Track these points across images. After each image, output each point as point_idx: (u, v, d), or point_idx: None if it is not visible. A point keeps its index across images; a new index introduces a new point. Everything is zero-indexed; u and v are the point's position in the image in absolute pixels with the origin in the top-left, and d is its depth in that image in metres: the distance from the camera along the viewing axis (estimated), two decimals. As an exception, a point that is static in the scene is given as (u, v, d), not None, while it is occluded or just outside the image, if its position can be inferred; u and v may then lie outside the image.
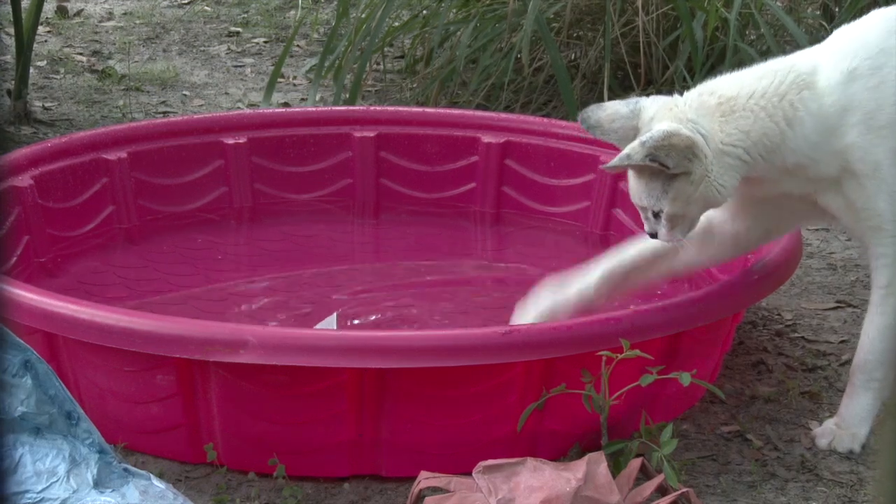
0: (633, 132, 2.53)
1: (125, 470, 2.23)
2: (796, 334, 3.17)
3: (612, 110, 2.56)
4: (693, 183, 2.47)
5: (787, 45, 4.47)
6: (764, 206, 2.67)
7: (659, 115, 2.51)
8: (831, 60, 2.55)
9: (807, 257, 3.55)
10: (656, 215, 2.54)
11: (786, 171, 2.56)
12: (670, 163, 2.44)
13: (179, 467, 2.56)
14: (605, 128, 2.57)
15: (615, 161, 2.50)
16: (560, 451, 2.54)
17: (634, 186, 2.54)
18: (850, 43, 2.57)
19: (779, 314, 3.26)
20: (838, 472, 2.61)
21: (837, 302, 3.34)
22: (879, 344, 2.62)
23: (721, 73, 2.64)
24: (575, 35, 4.60)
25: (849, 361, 3.03)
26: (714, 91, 2.54)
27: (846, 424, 2.67)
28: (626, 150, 2.47)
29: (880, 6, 4.55)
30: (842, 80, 2.52)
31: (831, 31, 2.76)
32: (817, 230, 3.76)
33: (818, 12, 4.92)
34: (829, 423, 2.70)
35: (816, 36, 4.45)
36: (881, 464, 0.73)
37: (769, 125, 2.51)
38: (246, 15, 5.89)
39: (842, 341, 3.14)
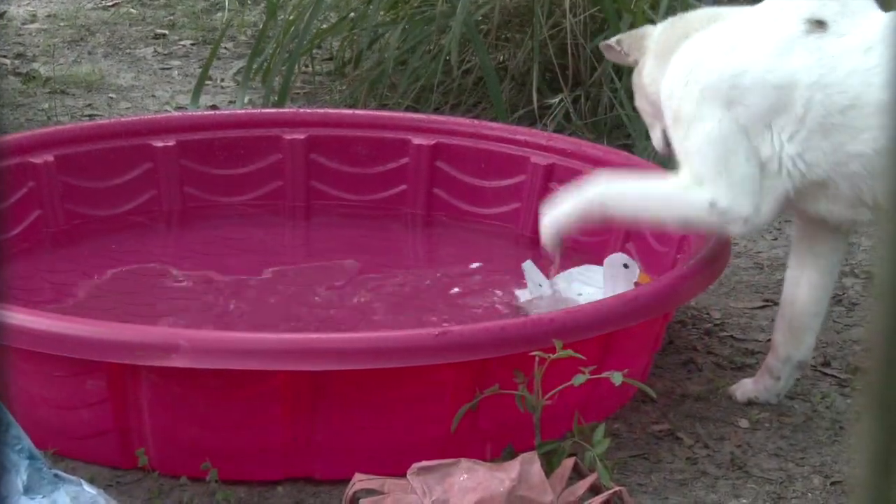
0: None
1: (55, 476, 2.21)
2: (725, 333, 3.20)
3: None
4: (637, 74, 2.90)
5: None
6: None
7: None
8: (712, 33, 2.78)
9: (734, 257, 3.59)
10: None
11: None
12: (625, 47, 2.93)
13: (110, 472, 2.54)
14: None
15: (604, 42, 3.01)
16: (493, 452, 2.55)
17: None
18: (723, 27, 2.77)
19: (708, 313, 3.29)
20: (767, 470, 2.64)
21: (765, 300, 3.38)
22: (635, 201, 2.80)
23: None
24: (503, 37, 4.61)
25: (777, 359, 3.07)
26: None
27: None
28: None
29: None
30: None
31: None
32: (744, 230, 3.80)
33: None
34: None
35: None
36: (861, 455, 0.74)
37: (673, 40, 2.81)
38: (172, 17, 5.85)
39: (769, 339, 3.17)
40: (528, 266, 3.18)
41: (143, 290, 3.20)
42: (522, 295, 3.18)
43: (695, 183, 2.69)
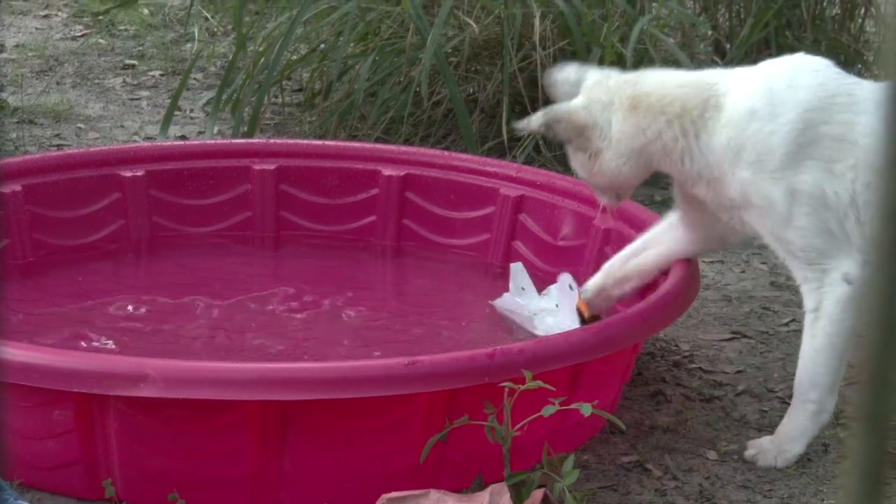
0: (576, 95, 2.81)
1: (22, 507, 2.20)
2: (693, 365, 3.21)
3: (565, 74, 2.86)
4: (589, 159, 2.75)
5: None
6: (709, 213, 2.81)
7: (585, 89, 2.78)
8: (743, 92, 2.67)
9: (703, 289, 3.60)
10: None
11: (695, 176, 2.72)
12: (563, 135, 2.77)
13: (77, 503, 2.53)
14: (557, 88, 2.87)
15: (522, 122, 2.84)
16: (463, 483, 2.54)
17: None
18: (761, 82, 2.68)
19: (676, 345, 3.30)
20: (735, 501, 2.64)
21: (733, 333, 3.39)
22: (811, 366, 2.70)
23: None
24: (473, 69, 4.63)
25: (745, 391, 3.08)
26: (636, 83, 2.76)
27: (777, 441, 2.75)
28: (533, 116, 2.81)
29: (770, 45, 4.66)
30: (744, 117, 2.65)
31: (723, 67, 2.89)
32: (712, 262, 3.81)
33: (710, 48, 5.01)
34: (764, 439, 2.78)
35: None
36: (850, 471, 0.74)
37: (666, 129, 2.70)
38: (141, 48, 5.84)
39: (738, 372, 3.19)
40: (517, 268, 3.20)
41: (110, 320, 3.18)
42: (503, 297, 3.20)
43: (818, 273, 2.64)
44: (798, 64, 2.75)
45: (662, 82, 2.75)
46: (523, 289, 3.18)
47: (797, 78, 2.67)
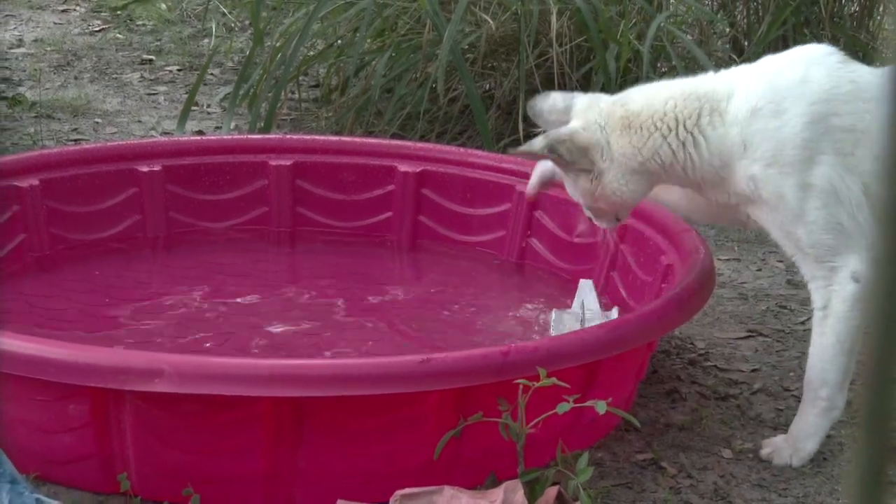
0: (566, 123, 2.76)
1: (37, 500, 2.21)
2: (709, 363, 3.20)
3: (551, 102, 2.80)
4: (592, 181, 2.71)
5: (698, 77, 4.53)
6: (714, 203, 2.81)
7: (579, 113, 2.74)
8: (744, 92, 2.64)
9: (718, 287, 3.59)
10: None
11: (699, 182, 2.72)
12: (567, 156, 2.70)
13: (92, 497, 2.53)
14: (545, 117, 2.81)
15: (523, 147, 2.81)
16: (477, 480, 2.54)
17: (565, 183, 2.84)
18: (762, 79, 2.65)
19: (692, 343, 3.29)
20: (750, 500, 2.64)
21: (749, 331, 3.39)
22: (819, 363, 2.70)
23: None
24: (490, 65, 4.63)
25: (761, 390, 3.08)
26: (625, 103, 2.73)
27: (791, 439, 2.75)
28: (533, 140, 2.76)
29: (788, 42, 4.65)
30: (746, 116, 2.64)
31: (740, 64, 2.87)
32: (728, 259, 3.81)
33: (728, 45, 5.00)
34: (779, 438, 2.78)
35: (726, 68, 4.51)
36: (852, 470, 0.74)
37: (661, 143, 2.68)
38: (159, 43, 5.86)
39: (753, 370, 3.18)
40: (586, 284, 3.11)
41: (126, 315, 3.19)
42: (562, 313, 3.12)
43: (826, 271, 2.63)
44: (799, 56, 2.71)
45: (651, 98, 2.72)
46: (586, 306, 3.10)
47: (799, 70, 2.66)
